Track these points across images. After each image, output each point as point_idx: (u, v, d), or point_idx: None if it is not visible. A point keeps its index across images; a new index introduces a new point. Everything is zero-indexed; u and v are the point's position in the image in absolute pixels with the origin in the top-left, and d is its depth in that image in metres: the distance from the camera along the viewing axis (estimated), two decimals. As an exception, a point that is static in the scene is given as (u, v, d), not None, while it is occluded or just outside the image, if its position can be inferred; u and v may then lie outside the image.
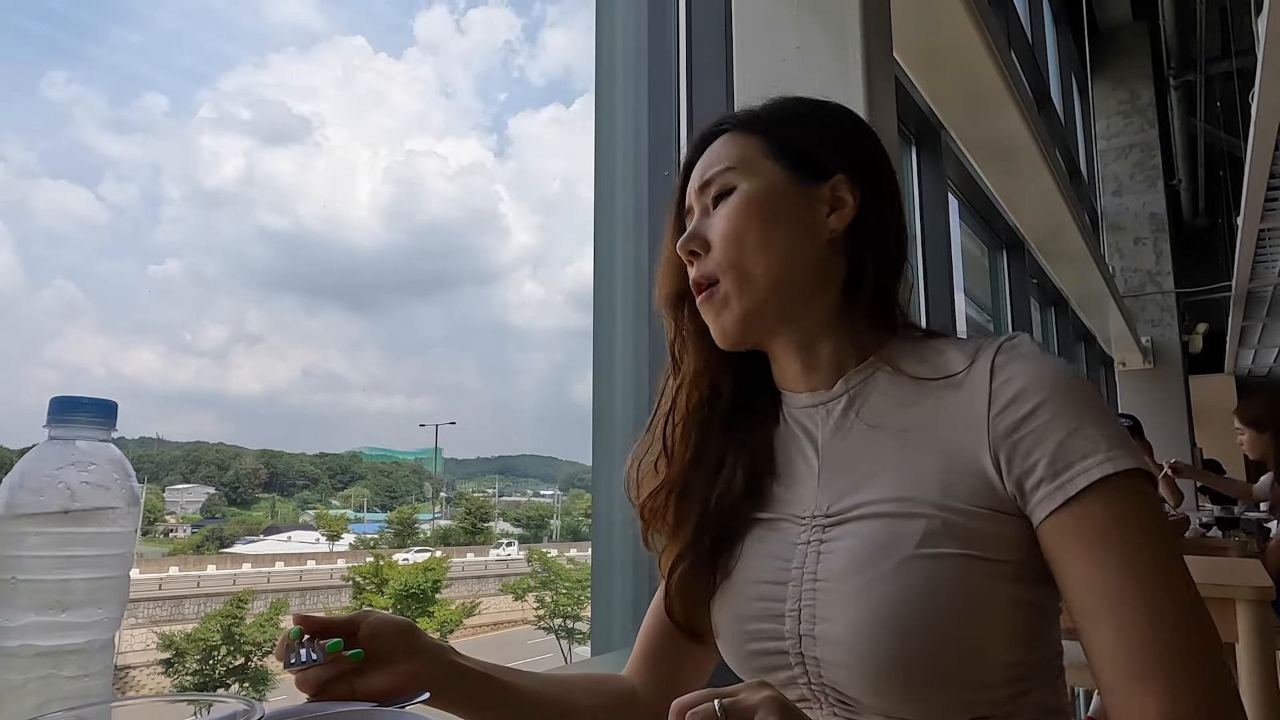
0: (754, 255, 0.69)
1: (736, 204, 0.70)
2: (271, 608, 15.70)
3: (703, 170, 0.74)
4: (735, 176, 0.71)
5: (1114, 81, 7.76)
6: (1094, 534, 0.56)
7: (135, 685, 13.17)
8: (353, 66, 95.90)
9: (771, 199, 0.70)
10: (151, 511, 19.28)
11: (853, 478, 0.67)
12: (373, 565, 16.26)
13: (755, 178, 0.71)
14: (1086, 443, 0.57)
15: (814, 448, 0.71)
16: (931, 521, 0.60)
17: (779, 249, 0.69)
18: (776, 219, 0.70)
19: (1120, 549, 0.55)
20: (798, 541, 0.67)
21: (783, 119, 0.75)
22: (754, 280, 0.69)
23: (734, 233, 0.69)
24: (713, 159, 0.74)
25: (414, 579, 15.72)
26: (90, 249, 66.16)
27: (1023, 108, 2.74)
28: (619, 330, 1.43)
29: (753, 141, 0.73)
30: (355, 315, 70.99)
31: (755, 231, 0.69)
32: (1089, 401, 0.60)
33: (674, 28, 1.53)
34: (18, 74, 72.29)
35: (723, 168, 0.72)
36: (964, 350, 0.66)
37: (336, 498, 26.60)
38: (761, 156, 0.72)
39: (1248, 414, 3.30)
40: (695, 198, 0.74)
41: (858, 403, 0.70)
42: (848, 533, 0.64)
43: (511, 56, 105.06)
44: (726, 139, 0.74)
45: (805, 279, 0.70)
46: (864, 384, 0.71)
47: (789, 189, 0.70)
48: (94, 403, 0.59)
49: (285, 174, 76.94)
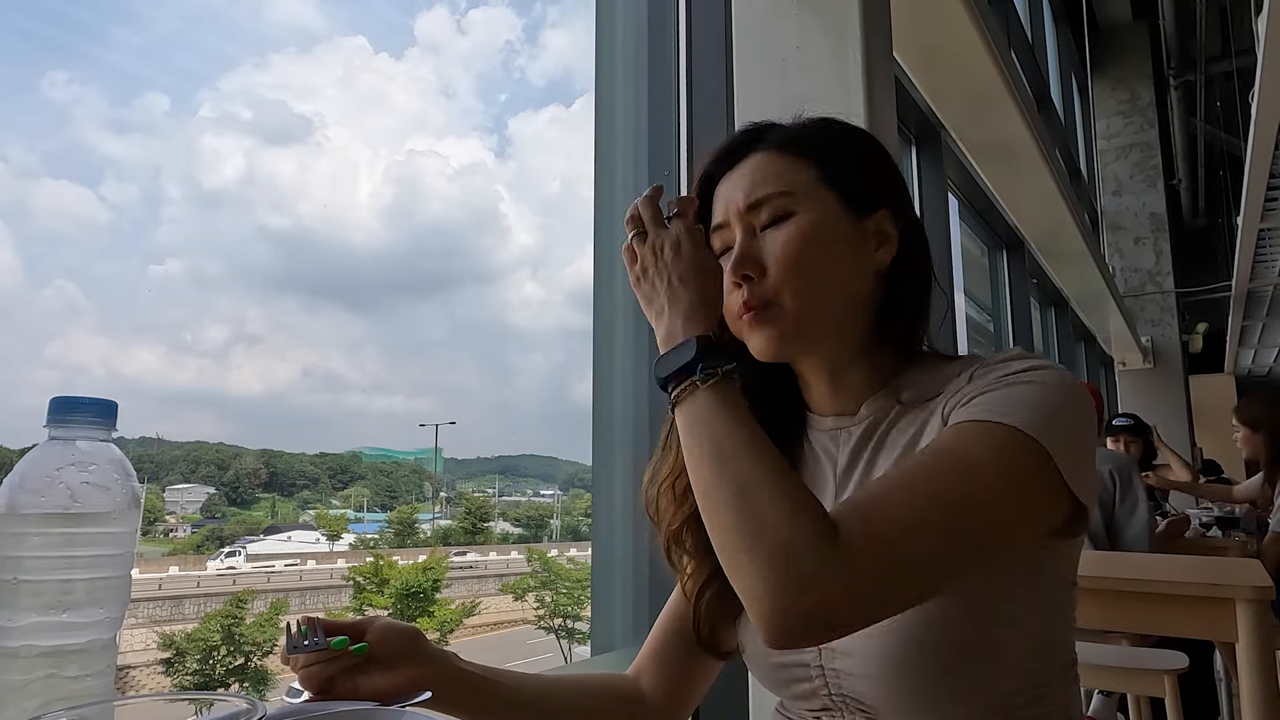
0: (815, 286, 0.69)
1: (796, 234, 0.69)
2: (272, 607, 15.70)
3: (749, 188, 0.72)
4: (792, 203, 0.70)
5: (1114, 81, 7.75)
6: (939, 440, 0.60)
7: (135, 685, 13.17)
8: (353, 67, 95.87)
9: (831, 231, 0.70)
10: (152, 511, 19.28)
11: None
12: (373, 565, 16.26)
13: (814, 207, 0.70)
14: (1004, 403, 0.59)
15: (833, 468, 0.74)
16: None
17: (837, 282, 0.70)
18: (836, 252, 0.70)
19: (940, 452, 0.58)
20: None
21: (832, 145, 0.74)
22: (811, 309, 0.69)
23: (797, 263, 0.68)
24: (760, 178, 0.72)
25: (414, 579, 15.71)
26: (91, 249, 66.15)
27: (1022, 107, 2.74)
28: (619, 330, 1.43)
29: (804, 166, 0.72)
30: (355, 315, 70.98)
31: (818, 264, 0.69)
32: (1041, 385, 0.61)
33: (674, 28, 1.53)
34: (18, 74, 72.26)
35: (777, 191, 0.71)
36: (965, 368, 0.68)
37: (336, 498, 26.58)
38: (817, 184, 0.71)
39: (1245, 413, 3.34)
40: (737, 215, 0.72)
41: (874, 428, 0.72)
42: None
43: (512, 57, 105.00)
44: (771, 158, 0.73)
45: (851, 310, 0.72)
46: (881, 410, 0.72)
47: (844, 221, 0.71)
48: (94, 403, 0.59)
49: (286, 174, 76.93)
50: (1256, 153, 3.51)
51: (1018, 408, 0.59)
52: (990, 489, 0.56)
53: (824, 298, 0.70)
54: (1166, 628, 1.81)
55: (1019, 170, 3.21)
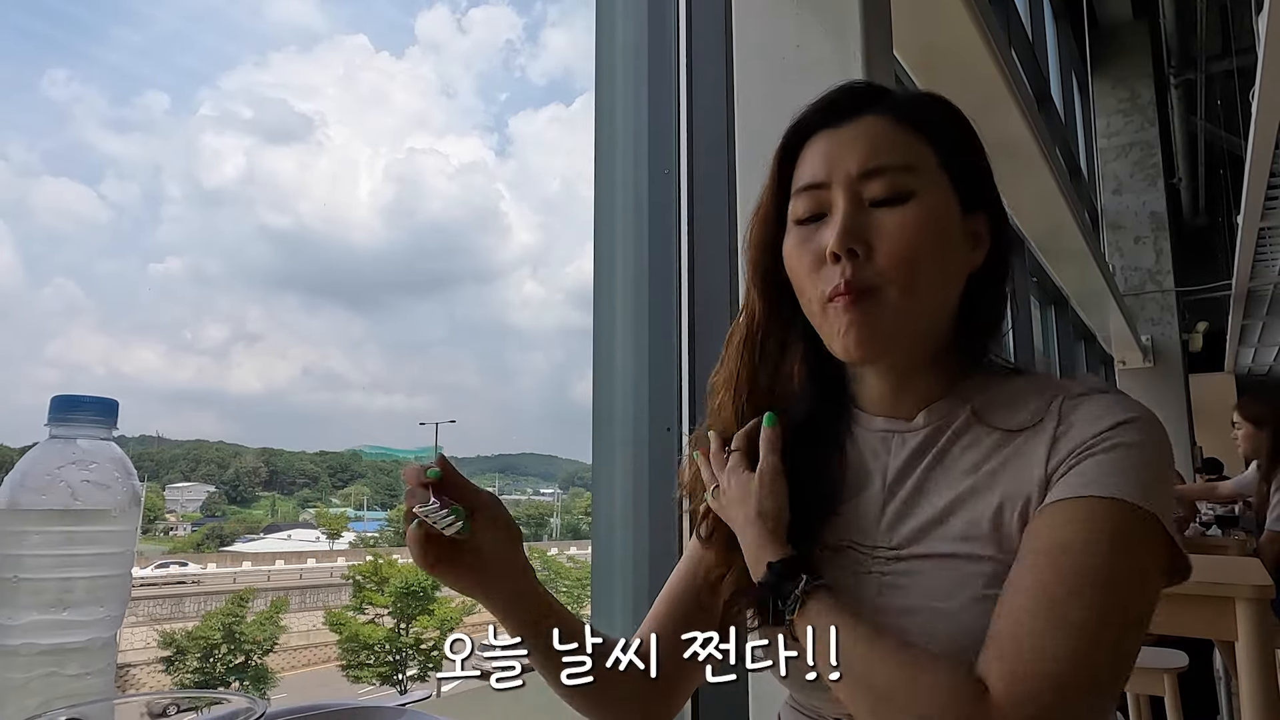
0: (923, 283, 0.63)
1: (920, 219, 0.62)
2: (272, 606, 15.70)
3: (866, 153, 0.64)
4: (914, 181, 0.63)
5: (1114, 80, 7.75)
6: (1036, 537, 0.56)
7: (135, 683, 13.17)
8: (354, 65, 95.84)
9: (949, 223, 0.64)
10: (152, 510, 19.29)
11: (919, 515, 0.65)
12: (372, 564, 16.26)
13: (935, 191, 0.64)
14: (1111, 473, 0.56)
15: (882, 476, 0.68)
16: (995, 564, 0.59)
17: (942, 281, 0.65)
18: (950, 246, 0.64)
19: (1068, 552, 0.54)
20: (860, 571, 0.66)
21: (951, 128, 0.68)
22: (913, 308, 0.63)
23: (913, 253, 0.62)
24: (879, 145, 0.64)
25: (414, 577, 15.72)
26: (91, 248, 66.16)
27: (1023, 106, 2.74)
28: (619, 329, 1.43)
29: (924, 144, 0.65)
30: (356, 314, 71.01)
31: (935, 256, 0.63)
32: (1139, 445, 0.58)
33: (674, 27, 1.52)
34: (19, 73, 72.27)
35: (900, 164, 0.63)
36: (1040, 397, 0.64)
37: (336, 496, 26.60)
38: (937, 167, 0.65)
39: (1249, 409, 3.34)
40: (846, 180, 0.64)
41: (934, 439, 0.67)
42: (913, 569, 0.63)
43: (513, 56, 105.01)
44: (890, 125, 0.65)
45: (941, 313, 0.66)
46: (943, 420, 0.67)
47: (955, 214, 0.65)
48: (95, 401, 0.60)
49: (286, 173, 76.92)
50: (1257, 151, 3.51)
51: (1127, 479, 0.56)
52: (1128, 586, 0.54)
53: (928, 297, 0.63)
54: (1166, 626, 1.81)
55: (1019, 169, 3.21)
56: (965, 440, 0.65)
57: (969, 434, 0.66)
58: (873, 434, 0.71)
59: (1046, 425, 0.61)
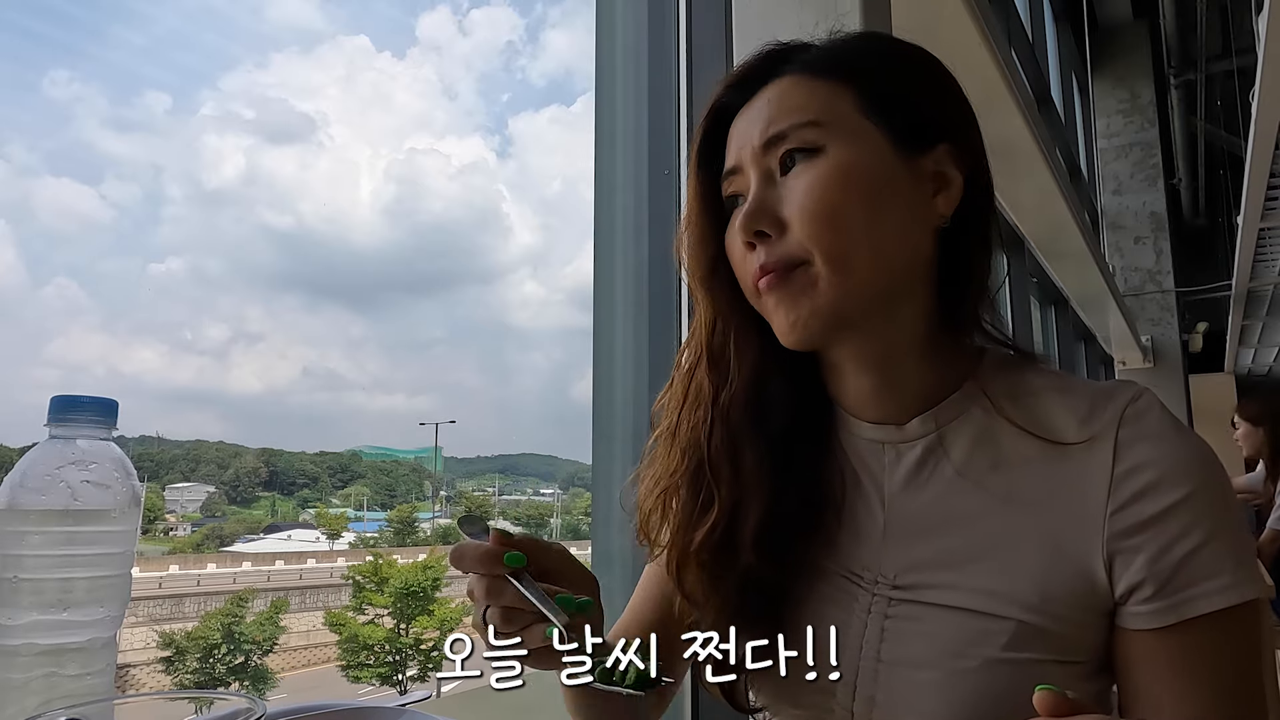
0: (856, 241, 0.54)
1: (830, 173, 0.54)
2: (272, 606, 15.70)
3: (767, 120, 0.57)
4: (823, 136, 0.55)
5: (1114, 80, 7.74)
6: (1195, 660, 0.50)
7: (135, 684, 13.17)
8: (355, 66, 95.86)
9: (876, 171, 0.55)
10: (152, 510, 19.30)
11: (931, 548, 0.56)
12: (372, 564, 16.27)
13: (852, 141, 0.55)
14: (1214, 561, 0.49)
15: (879, 496, 0.59)
16: (1022, 626, 0.52)
17: (886, 237, 0.55)
18: (883, 198, 0.55)
19: (1218, 679, 0.50)
20: (856, 607, 0.58)
21: (876, 65, 0.59)
22: (854, 270, 0.54)
23: (829, 211, 0.53)
24: (783, 108, 0.57)
25: (414, 577, 15.72)
26: (91, 248, 66.18)
27: (1023, 106, 2.74)
28: (619, 329, 1.43)
29: (841, 91, 0.56)
30: (356, 314, 70.99)
31: (859, 213, 0.54)
32: (1222, 500, 0.51)
33: (674, 28, 1.52)
34: (20, 72, 72.28)
35: (803, 121, 0.55)
36: (1073, 404, 0.55)
37: (336, 496, 26.63)
38: (856, 113, 0.56)
39: (1247, 410, 3.37)
40: (752, 157, 0.57)
41: (942, 449, 0.57)
42: (923, 615, 0.55)
43: (514, 57, 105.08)
44: (797, 83, 0.58)
45: (905, 276, 0.57)
46: (951, 425, 0.58)
47: (893, 159, 0.56)
48: (95, 401, 0.60)
49: (287, 173, 76.93)
50: (1257, 152, 3.51)
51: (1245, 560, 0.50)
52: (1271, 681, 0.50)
53: (871, 259, 0.54)
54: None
55: (1019, 169, 3.21)
56: (981, 455, 0.56)
57: (985, 446, 0.56)
58: (863, 443, 0.61)
59: (1097, 452, 0.52)
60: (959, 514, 0.56)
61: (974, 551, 0.55)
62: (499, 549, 0.51)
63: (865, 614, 0.57)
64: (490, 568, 0.50)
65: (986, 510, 0.55)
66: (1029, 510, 0.54)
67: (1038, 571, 0.53)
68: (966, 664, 0.53)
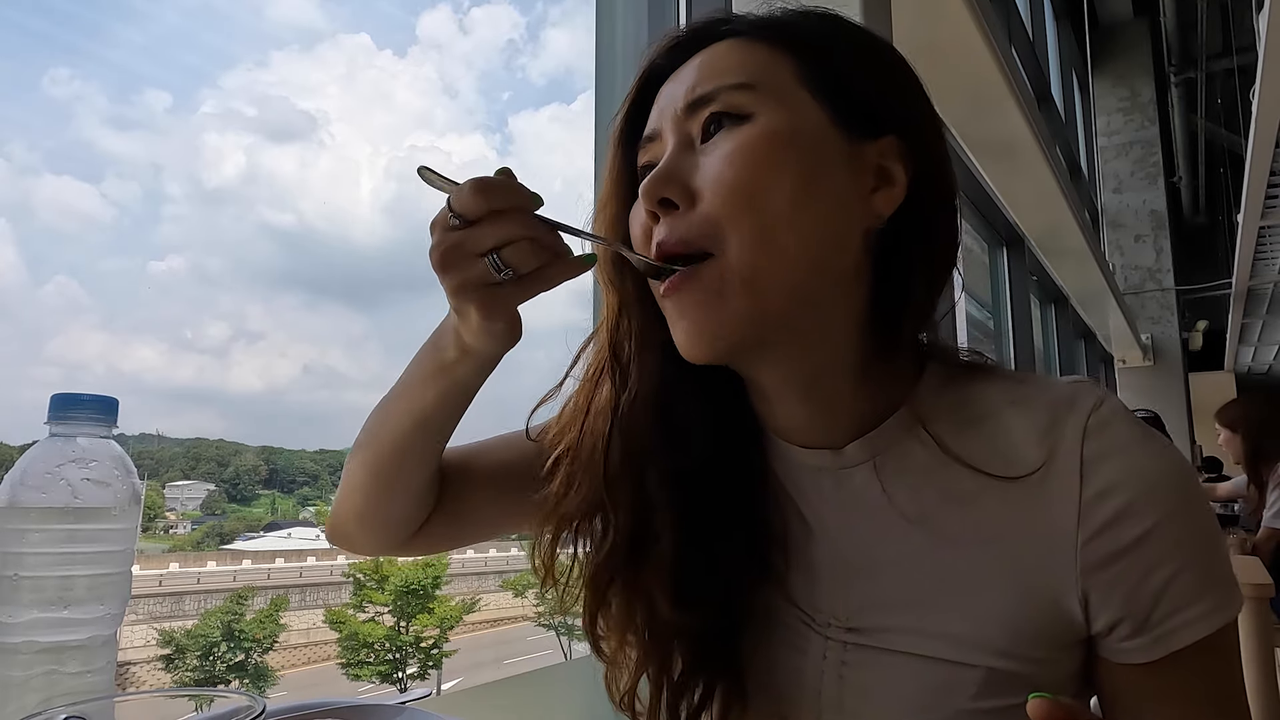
0: (775, 224, 0.45)
1: (755, 140, 0.46)
2: (272, 604, 15.72)
3: (693, 81, 0.49)
4: (754, 101, 0.47)
5: (1115, 78, 7.74)
6: (1182, 688, 0.48)
7: (135, 681, 13.18)
8: (356, 64, 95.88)
9: (809, 147, 0.47)
10: (152, 508, 19.30)
11: (884, 587, 0.51)
12: (373, 562, 16.28)
13: (785, 109, 0.47)
14: (1194, 588, 0.46)
15: (821, 528, 0.53)
16: (993, 673, 0.48)
17: (814, 219, 0.47)
18: (813, 179, 0.47)
19: (1206, 702, 0.49)
20: (811, 651, 0.53)
21: (825, 38, 0.51)
22: (770, 261, 0.46)
23: (749, 183, 0.46)
24: (713, 69, 0.49)
25: (414, 575, 15.73)
26: (92, 246, 66.20)
27: (1023, 104, 2.74)
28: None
29: (781, 58, 0.49)
30: (356, 312, 70.98)
31: (783, 189, 0.46)
32: (1198, 520, 0.48)
33: (674, 26, 1.52)
34: (20, 71, 72.27)
35: (733, 83, 0.48)
36: (1029, 421, 0.49)
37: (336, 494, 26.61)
38: (795, 82, 0.49)
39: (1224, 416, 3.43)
40: (673, 120, 0.49)
41: (883, 477, 0.51)
42: (883, 663, 0.51)
43: (514, 55, 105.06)
44: (733, 46, 0.50)
45: (829, 280, 0.48)
46: (890, 452, 0.51)
47: (832, 138, 0.48)
48: (95, 399, 0.60)
49: (288, 171, 76.91)
50: (1257, 150, 3.51)
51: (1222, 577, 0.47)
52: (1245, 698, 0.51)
53: (788, 244, 0.46)
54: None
55: (1019, 167, 3.21)
56: (928, 488, 0.50)
57: (931, 479, 0.50)
58: (798, 469, 0.54)
59: (1061, 475, 0.47)
60: (910, 550, 0.50)
61: (932, 593, 0.50)
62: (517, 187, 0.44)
63: (821, 660, 0.52)
64: (534, 202, 0.44)
65: (942, 546, 0.50)
66: (989, 546, 0.49)
67: (1005, 613, 0.48)
68: (935, 717, 0.49)
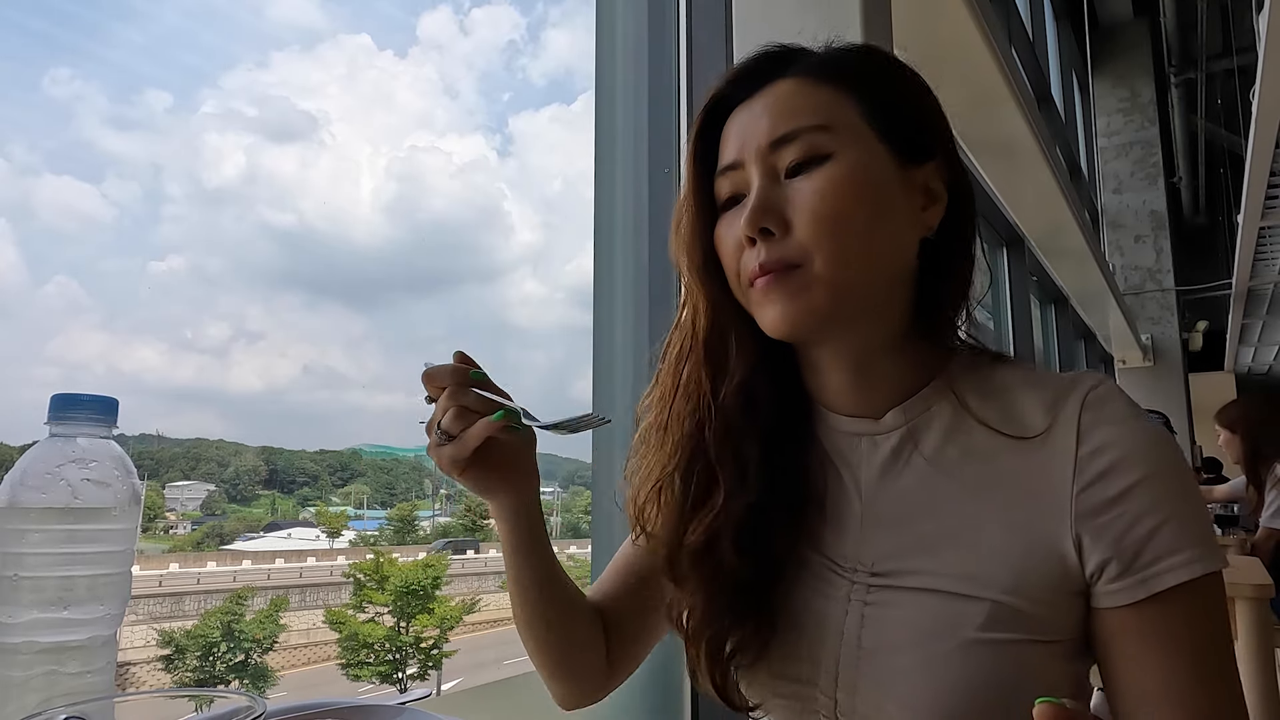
0: (855, 249, 0.56)
1: (839, 179, 0.56)
2: (272, 604, 15.71)
3: (775, 121, 0.58)
4: (831, 141, 0.57)
5: (1115, 79, 7.74)
6: (1166, 632, 0.53)
7: (135, 682, 13.18)
8: (357, 65, 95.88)
9: (880, 180, 0.58)
10: (152, 508, 19.30)
11: (906, 535, 0.59)
12: (373, 562, 16.28)
13: (858, 147, 0.57)
14: (1176, 537, 0.52)
15: (856, 487, 0.62)
16: (998, 607, 0.54)
17: (882, 245, 0.58)
18: (884, 207, 0.57)
19: (1189, 648, 0.52)
20: (839, 596, 0.60)
21: (878, 76, 0.61)
22: (849, 278, 0.56)
23: (837, 216, 0.55)
24: (790, 109, 0.58)
25: (414, 576, 15.74)
26: (92, 246, 66.20)
27: (1023, 105, 2.74)
28: (619, 327, 1.43)
29: (844, 98, 0.58)
30: (356, 312, 71.01)
31: (862, 220, 0.56)
32: (1181, 480, 0.54)
33: (674, 27, 1.52)
34: (21, 71, 72.29)
35: (812, 124, 0.57)
36: (1039, 396, 0.58)
37: (336, 495, 26.65)
38: (861, 121, 0.58)
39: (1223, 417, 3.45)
40: (757, 154, 0.58)
41: (914, 440, 0.60)
42: (900, 601, 0.57)
43: (515, 56, 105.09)
44: (804, 85, 0.59)
45: (891, 283, 0.60)
46: (922, 418, 0.61)
47: (891, 169, 0.58)
48: (95, 400, 0.60)
49: (288, 171, 76.90)
50: (1257, 150, 3.51)
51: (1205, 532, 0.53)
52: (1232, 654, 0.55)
53: (865, 264, 0.57)
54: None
55: (1019, 167, 3.21)
56: (951, 447, 0.59)
57: (955, 439, 0.59)
58: (841, 436, 0.64)
59: (1061, 438, 0.56)
60: (932, 501, 0.59)
61: (948, 537, 0.57)
62: (454, 367, 0.61)
63: (845, 602, 0.59)
64: (460, 377, 0.61)
65: (958, 497, 0.58)
66: (1000, 496, 0.57)
67: (1011, 554, 0.55)
68: (944, 646, 0.54)
